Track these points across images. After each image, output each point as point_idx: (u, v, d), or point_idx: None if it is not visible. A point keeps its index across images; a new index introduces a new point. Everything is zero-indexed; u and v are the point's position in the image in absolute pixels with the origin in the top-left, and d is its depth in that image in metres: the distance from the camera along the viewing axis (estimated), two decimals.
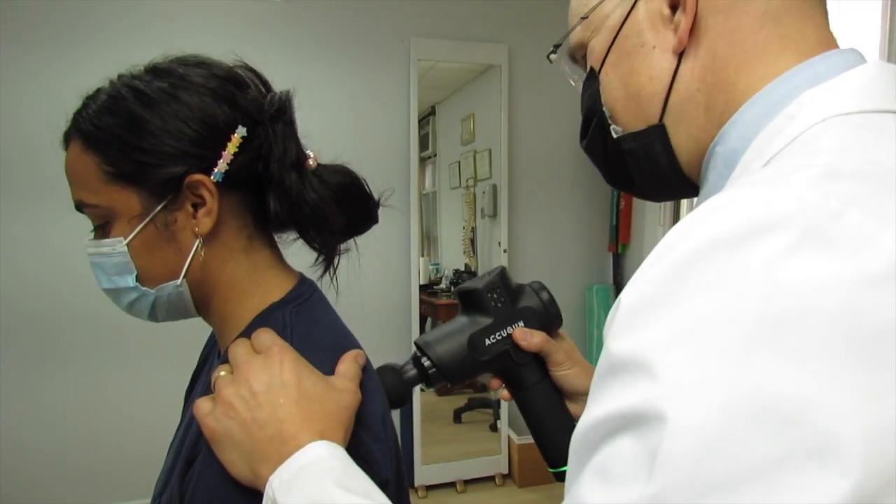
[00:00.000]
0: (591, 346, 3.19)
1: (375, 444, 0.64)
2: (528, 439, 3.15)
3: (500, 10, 3.04)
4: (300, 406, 0.58)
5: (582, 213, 3.27)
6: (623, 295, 0.40)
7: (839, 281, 0.33)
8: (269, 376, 0.58)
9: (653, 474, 0.34)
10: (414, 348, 0.79)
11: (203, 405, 0.59)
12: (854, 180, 0.37)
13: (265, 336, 0.62)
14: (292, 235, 0.73)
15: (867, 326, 0.32)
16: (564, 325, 0.83)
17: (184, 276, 0.66)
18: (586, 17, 0.60)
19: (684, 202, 2.85)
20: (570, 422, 0.81)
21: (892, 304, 0.32)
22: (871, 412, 0.31)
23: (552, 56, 0.68)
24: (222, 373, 0.61)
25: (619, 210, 3.17)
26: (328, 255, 0.73)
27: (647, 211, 3.00)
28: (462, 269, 3.72)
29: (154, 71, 0.67)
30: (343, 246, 0.75)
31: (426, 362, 0.76)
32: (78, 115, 0.67)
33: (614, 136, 0.60)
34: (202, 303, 0.70)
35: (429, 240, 3.73)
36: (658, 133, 0.56)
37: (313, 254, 0.73)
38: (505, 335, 0.78)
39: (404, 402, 0.75)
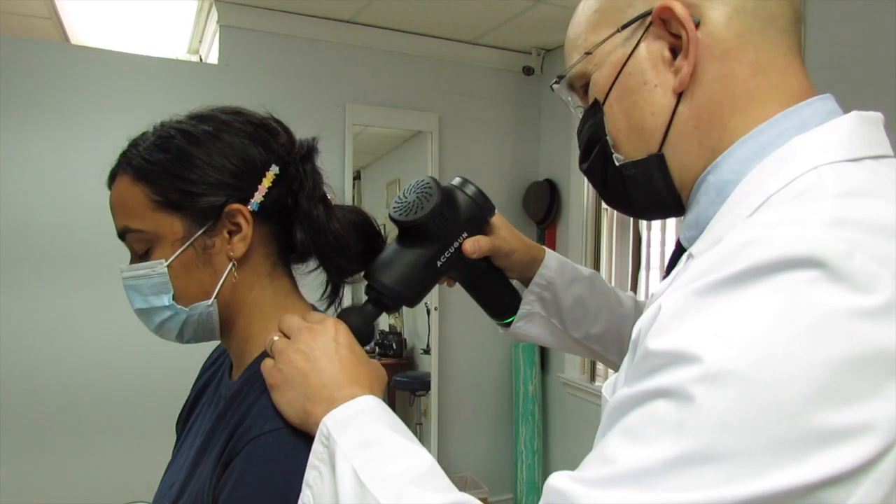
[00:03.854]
0: (517, 401, 3.28)
1: None
2: None
3: (432, 81, 3.22)
4: (352, 364, 0.66)
5: None
6: (664, 303, 0.48)
7: (843, 312, 0.42)
8: (325, 338, 0.66)
9: (678, 438, 0.42)
10: (366, 283, 0.80)
11: (267, 362, 0.67)
12: (856, 229, 0.45)
13: (317, 314, 0.71)
14: (306, 269, 0.81)
15: (859, 349, 0.41)
16: (492, 383, 0.93)
17: (215, 297, 0.73)
18: (590, 53, 0.65)
19: (604, 274, 3.05)
20: (511, 286, 0.93)
21: (881, 334, 0.41)
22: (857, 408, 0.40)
23: (555, 85, 0.72)
24: (276, 337, 0.68)
25: None
26: (337, 285, 0.80)
27: None
28: (387, 329, 3.75)
29: (198, 117, 0.75)
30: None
31: (385, 299, 0.77)
32: (126, 153, 0.73)
33: (616, 163, 0.65)
34: (227, 323, 0.76)
35: (353, 300, 3.74)
36: (657, 162, 0.63)
37: (316, 292, 0.81)
38: (454, 250, 0.81)
39: (371, 337, 0.77)
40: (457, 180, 0.85)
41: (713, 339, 0.44)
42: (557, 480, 0.48)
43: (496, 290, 0.92)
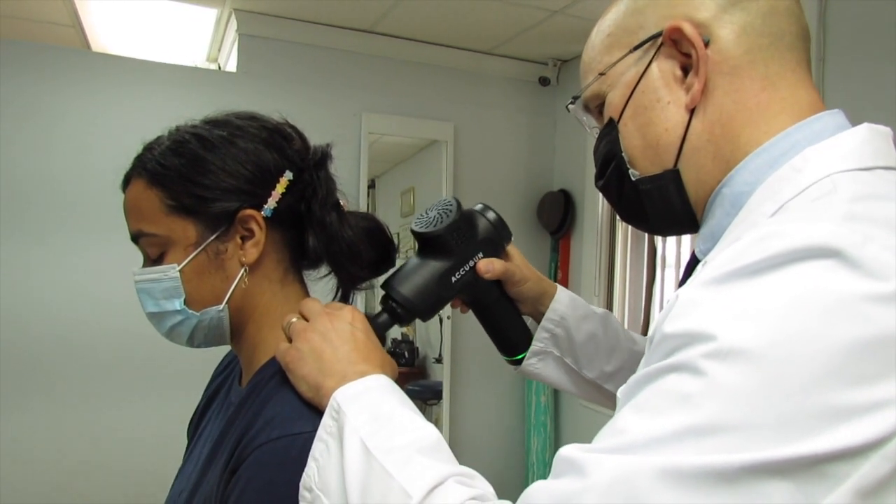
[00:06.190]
0: (529, 412, 3.26)
1: None
2: None
3: (448, 91, 3.24)
4: (366, 346, 0.67)
5: None
6: (682, 292, 0.49)
7: (857, 296, 0.42)
8: (342, 322, 0.68)
9: (689, 409, 0.43)
10: (383, 294, 0.82)
11: (283, 344, 0.68)
12: (869, 223, 0.46)
13: (337, 303, 0.73)
14: (317, 275, 0.81)
15: (872, 333, 0.42)
16: (507, 389, 0.92)
17: (226, 302, 0.73)
18: (604, 74, 0.67)
19: (618, 285, 3.04)
20: (522, 321, 0.93)
21: (894, 319, 0.42)
22: (871, 388, 0.41)
23: (570, 106, 0.74)
24: (294, 319, 0.69)
25: (556, 281, 3.32)
26: (348, 291, 0.80)
27: (583, 282, 3.17)
28: (399, 338, 3.75)
29: (213, 122, 0.75)
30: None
31: (398, 309, 0.78)
32: (141, 157, 0.73)
33: (633, 178, 0.67)
34: (237, 329, 0.76)
35: (367, 308, 3.75)
36: (673, 177, 0.64)
37: (327, 297, 0.80)
38: (468, 269, 0.82)
39: (382, 346, 0.78)
40: (479, 206, 0.87)
41: (728, 320, 0.45)
42: (567, 451, 0.49)
43: (507, 321, 0.93)
